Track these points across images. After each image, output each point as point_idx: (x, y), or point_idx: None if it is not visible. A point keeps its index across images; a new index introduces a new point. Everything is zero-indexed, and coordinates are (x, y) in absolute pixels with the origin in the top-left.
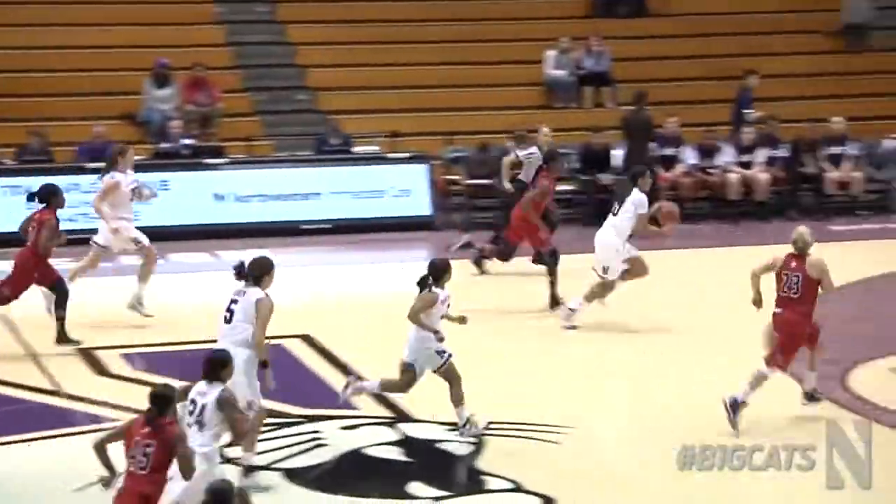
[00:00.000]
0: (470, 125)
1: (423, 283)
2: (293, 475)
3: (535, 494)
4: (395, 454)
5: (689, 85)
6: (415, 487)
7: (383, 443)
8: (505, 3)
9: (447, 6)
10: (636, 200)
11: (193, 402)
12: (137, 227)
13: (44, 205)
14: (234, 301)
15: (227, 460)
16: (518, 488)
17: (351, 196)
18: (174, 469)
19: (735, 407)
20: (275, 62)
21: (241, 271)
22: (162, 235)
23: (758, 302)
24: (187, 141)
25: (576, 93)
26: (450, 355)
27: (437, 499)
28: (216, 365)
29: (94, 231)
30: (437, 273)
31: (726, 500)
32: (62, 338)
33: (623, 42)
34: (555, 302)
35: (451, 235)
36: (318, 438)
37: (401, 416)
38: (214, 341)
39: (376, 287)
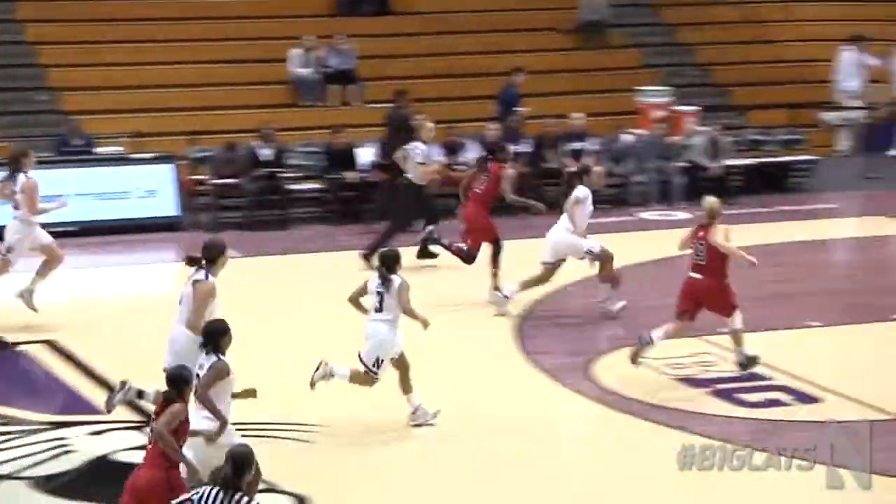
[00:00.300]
0: (216, 124)
1: (389, 272)
2: (39, 483)
3: (289, 494)
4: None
5: (433, 82)
6: None
7: (132, 448)
8: (248, 1)
9: (190, 5)
10: (580, 195)
11: (197, 375)
12: None
13: None
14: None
15: None
16: (272, 489)
17: (95, 198)
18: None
19: (645, 344)
20: (14, 62)
21: (191, 259)
22: None
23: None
24: None
25: (322, 91)
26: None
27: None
28: (214, 335)
29: None
30: (391, 262)
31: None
32: None
33: (368, 40)
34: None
35: (198, 236)
36: (65, 445)
37: (148, 420)
38: None
39: (122, 290)
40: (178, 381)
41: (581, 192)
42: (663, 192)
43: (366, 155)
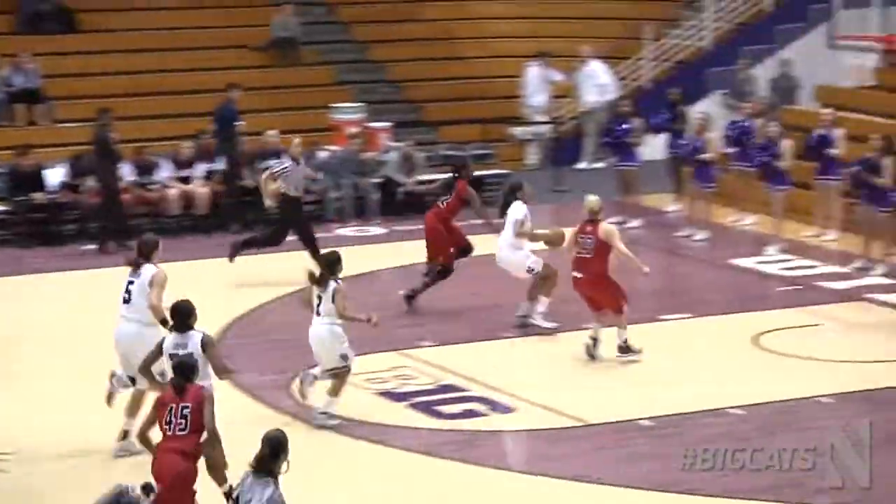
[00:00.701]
0: None
1: (322, 279)
2: None
3: None
4: None
5: (124, 101)
6: None
7: None
8: None
9: None
10: (520, 215)
11: (174, 355)
12: None
13: None
14: (130, 282)
15: None
16: None
17: None
18: None
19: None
20: None
21: (130, 262)
22: None
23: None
24: None
25: (7, 111)
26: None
27: None
28: (185, 314)
29: None
30: (333, 265)
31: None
32: None
33: (52, 58)
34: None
35: None
36: None
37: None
38: None
39: None
40: (187, 368)
41: (520, 211)
42: (359, 208)
43: (55, 176)
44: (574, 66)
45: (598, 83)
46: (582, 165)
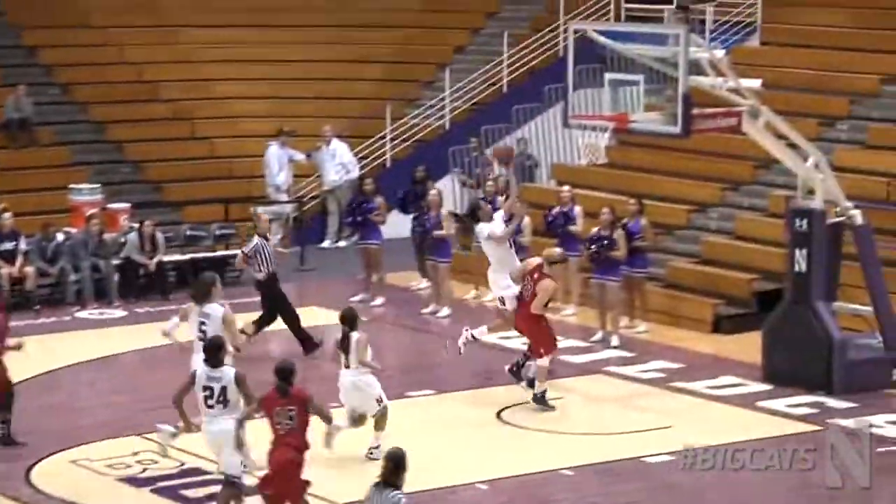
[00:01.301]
0: None
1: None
2: None
3: None
4: None
5: None
6: None
7: None
8: None
9: None
10: (489, 230)
11: (208, 388)
12: None
13: None
14: (203, 323)
15: None
16: None
17: None
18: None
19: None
20: None
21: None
22: None
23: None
24: None
25: None
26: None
27: None
28: (216, 349)
29: None
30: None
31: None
32: None
33: None
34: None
35: None
36: None
37: None
38: None
39: None
40: (287, 372)
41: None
42: (99, 290)
43: None
44: (316, 146)
45: (340, 162)
46: (326, 244)
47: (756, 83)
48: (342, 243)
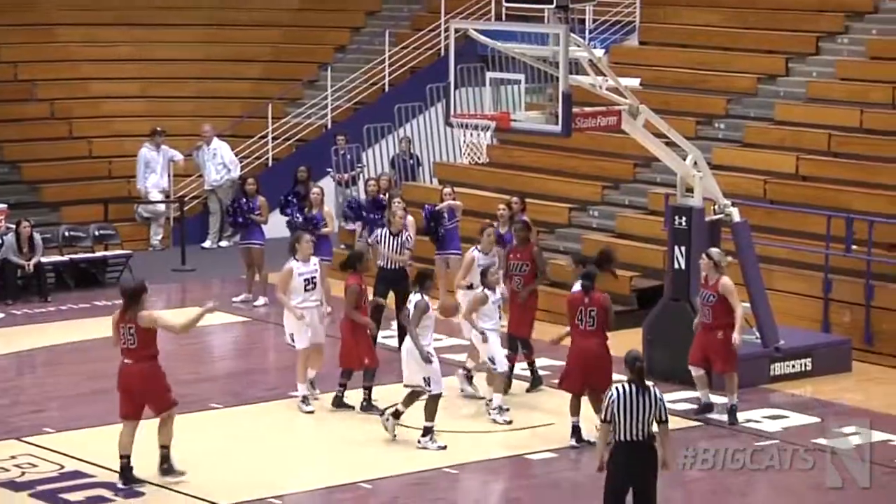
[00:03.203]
0: None
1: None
2: None
3: None
4: None
5: None
6: None
7: None
8: None
9: None
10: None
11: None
12: None
13: None
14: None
15: None
16: None
17: None
18: None
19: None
20: None
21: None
22: None
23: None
24: None
25: None
26: None
27: None
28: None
29: None
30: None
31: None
32: None
33: None
34: None
35: None
36: None
37: None
38: None
39: None
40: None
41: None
42: None
43: None
44: (197, 145)
45: (221, 162)
46: (207, 244)
47: (635, 82)
48: (224, 243)
